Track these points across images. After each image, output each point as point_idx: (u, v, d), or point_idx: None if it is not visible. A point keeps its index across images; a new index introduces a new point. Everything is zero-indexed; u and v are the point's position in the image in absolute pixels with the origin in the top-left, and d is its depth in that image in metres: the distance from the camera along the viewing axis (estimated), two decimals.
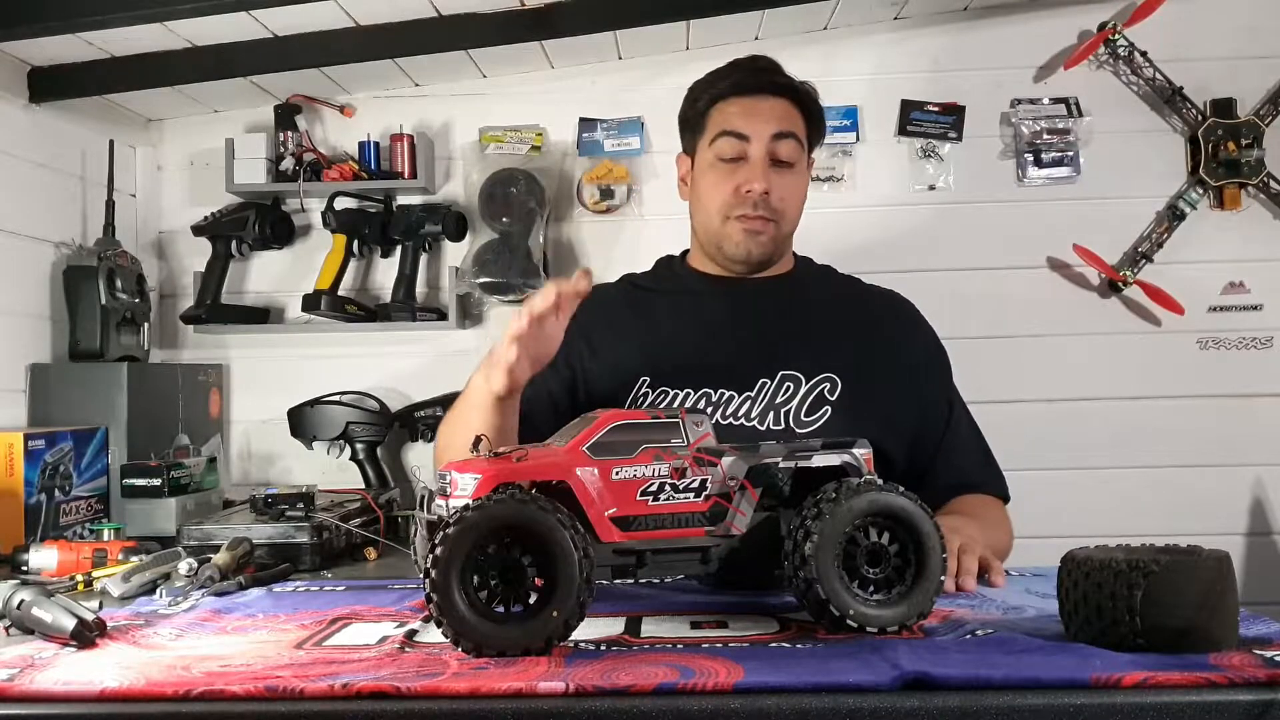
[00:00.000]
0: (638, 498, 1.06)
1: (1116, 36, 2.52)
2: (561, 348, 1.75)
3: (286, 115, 2.56)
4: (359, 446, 2.49)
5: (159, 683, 0.92)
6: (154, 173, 2.68)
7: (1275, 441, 2.52)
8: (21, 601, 1.13)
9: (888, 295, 1.83)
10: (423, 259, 2.60)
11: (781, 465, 1.11)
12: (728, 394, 1.61)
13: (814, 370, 1.63)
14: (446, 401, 2.48)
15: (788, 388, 1.62)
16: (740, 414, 1.60)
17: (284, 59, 2.33)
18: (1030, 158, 2.56)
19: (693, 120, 1.75)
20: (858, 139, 2.60)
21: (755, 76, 1.70)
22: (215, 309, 2.55)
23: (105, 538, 1.66)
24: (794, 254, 1.83)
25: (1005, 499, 1.73)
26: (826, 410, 1.61)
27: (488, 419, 1.42)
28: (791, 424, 1.59)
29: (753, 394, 1.62)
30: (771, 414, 1.60)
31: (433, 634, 1.05)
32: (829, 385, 1.62)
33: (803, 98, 1.72)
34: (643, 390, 1.62)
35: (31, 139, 2.25)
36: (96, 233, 2.38)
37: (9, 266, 2.18)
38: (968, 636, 1.03)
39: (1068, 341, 2.56)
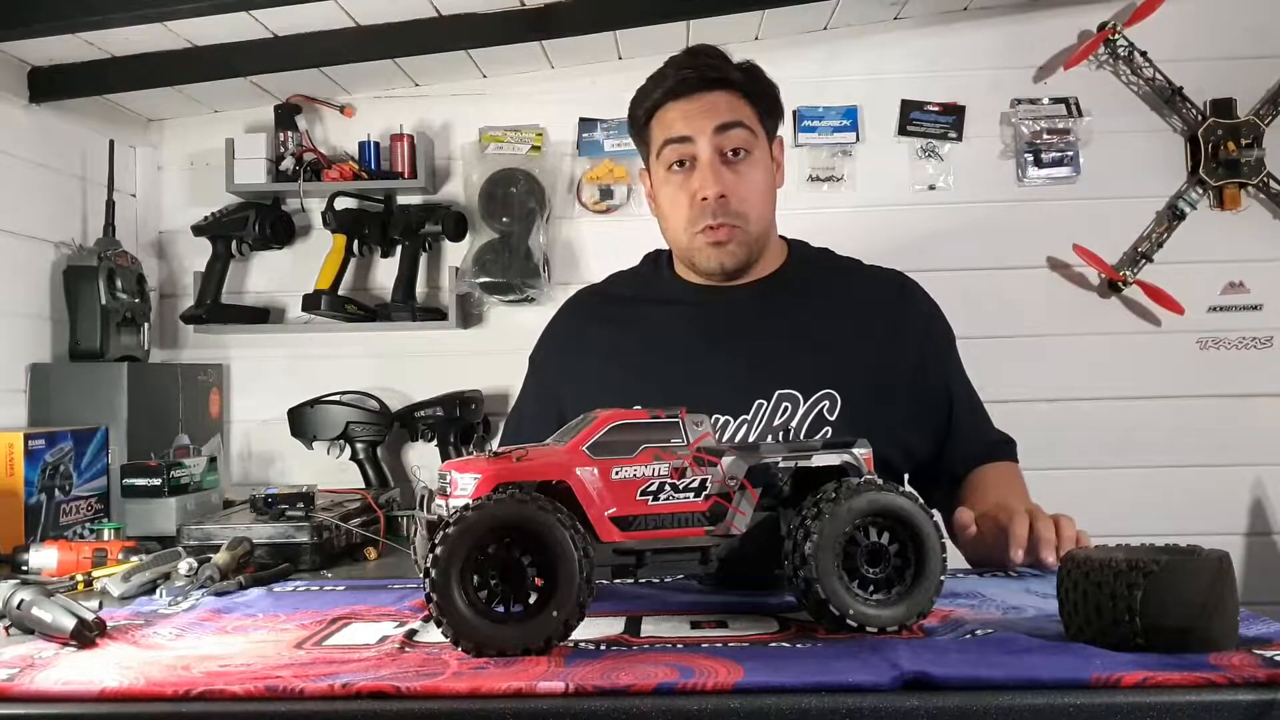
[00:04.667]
0: (637, 497, 1.06)
1: (1116, 36, 2.52)
2: (548, 389, 1.74)
3: (286, 115, 2.56)
4: (359, 446, 2.49)
5: (159, 683, 0.92)
6: (154, 173, 2.68)
7: (1275, 441, 2.52)
8: (21, 601, 1.13)
9: (887, 281, 1.74)
10: (423, 259, 2.61)
11: (781, 465, 1.11)
12: (723, 419, 1.56)
13: (812, 387, 1.57)
14: (446, 402, 2.49)
15: (785, 408, 1.57)
16: (738, 440, 1.55)
17: (284, 59, 2.34)
18: (1030, 158, 2.57)
19: (639, 136, 1.70)
20: (858, 139, 2.60)
21: (685, 75, 1.61)
22: (215, 309, 2.55)
23: (105, 537, 1.66)
24: (786, 241, 1.76)
25: (1016, 460, 1.70)
26: (827, 431, 1.55)
27: None
28: None
29: (749, 417, 1.56)
30: (769, 438, 1.54)
31: (433, 634, 1.05)
32: (828, 404, 1.57)
33: (743, 84, 1.63)
34: None
35: (31, 139, 2.25)
36: (96, 233, 2.39)
37: (9, 266, 2.18)
38: (968, 636, 1.03)
39: (1068, 341, 2.56)
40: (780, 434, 1.55)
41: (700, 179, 1.59)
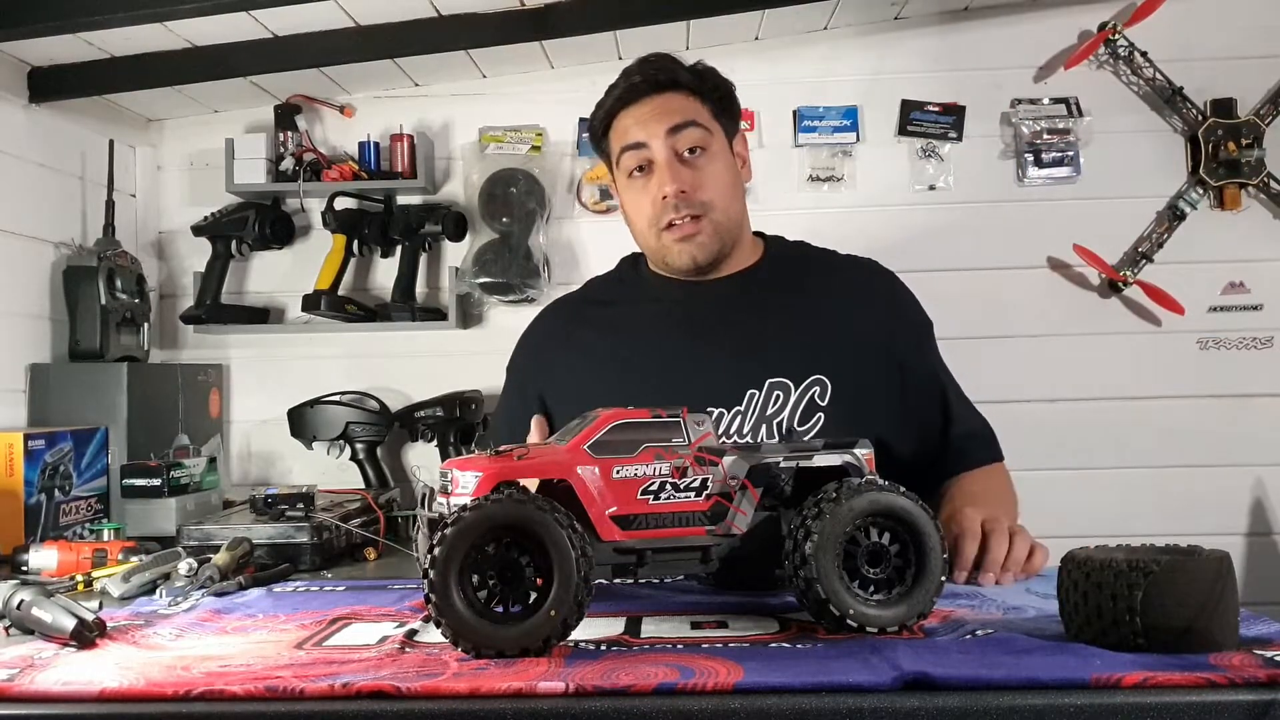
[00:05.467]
0: (638, 496, 1.06)
1: (1116, 36, 2.52)
2: (531, 395, 1.71)
3: (286, 115, 2.56)
4: (359, 446, 2.49)
5: (159, 683, 0.92)
6: (154, 173, 2.68)
7: (1275, 441, 2.52)
8: (21, 601, 1.13)
9: (864, 270, 1.75)
10: (423, 259, 2.61)
11: (782, 465, 1.11)
12: (716, 411, 1.56)
13: (802, 374, 1.58)
14: (446, 402, 2.49)
15: (777, 397, 1.57)
16: (732, 431, 1.55)
17: (284, 59, 2.33)
18: (1030, 158, 2.56)
19: (599, 148, 1.72)
20: (858, 139, 2.60)
21: (634, 81, 1.63)
22: (215, 309, 2.55)
23: (105, 538, 1.66)
24: (762, 236, 1.76)
25: (1002, 458, 1.70)
26: (820, 417, 1.56)
27: None
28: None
29: (742, 408, 1.57)
30: (764, 427, 1.55)
31: (433, 634, 1.05)
32: (819, 389, 1.57)
33: (693, 83, 1.63)
34: None
35: (31, 139, 2.25)
36: (96, 233, 2.38)
37: (9, 266, 2.18)
38: (968, 636, 1.03)
39: (1068, 341, 2.56)
40: (775, 425, 1.56)
41: (659, 180, 1.60)
